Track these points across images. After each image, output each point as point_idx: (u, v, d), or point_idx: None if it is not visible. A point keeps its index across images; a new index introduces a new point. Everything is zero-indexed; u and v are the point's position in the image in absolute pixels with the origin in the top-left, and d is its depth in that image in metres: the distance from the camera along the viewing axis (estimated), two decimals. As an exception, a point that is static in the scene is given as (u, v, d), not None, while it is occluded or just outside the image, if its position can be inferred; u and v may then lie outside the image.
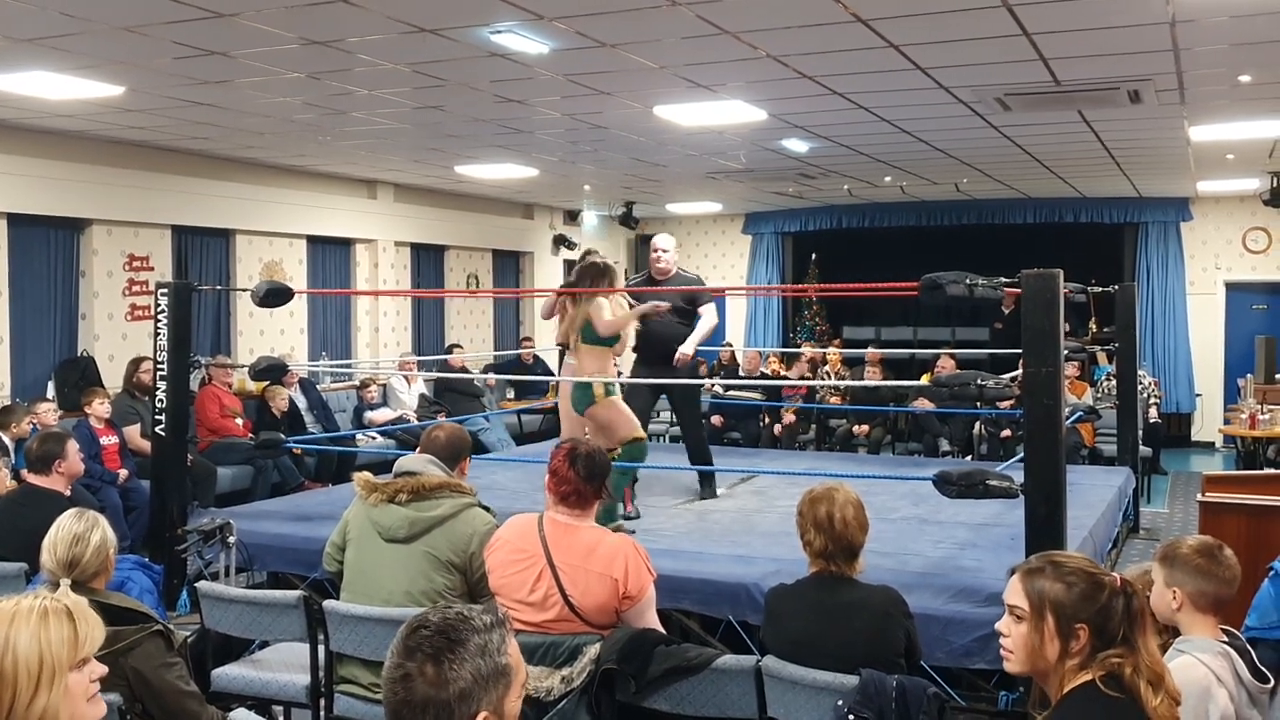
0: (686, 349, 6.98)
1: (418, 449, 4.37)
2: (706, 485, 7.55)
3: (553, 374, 11.35)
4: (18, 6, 5.45)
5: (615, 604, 3.65)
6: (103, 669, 2.01)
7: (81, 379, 9.19)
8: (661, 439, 12.08)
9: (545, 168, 11.55)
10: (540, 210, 15.66)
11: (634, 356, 7.34)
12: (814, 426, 12.26)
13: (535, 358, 13.44)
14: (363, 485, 4.15)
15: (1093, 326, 13.34)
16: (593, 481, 3.74)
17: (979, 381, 5.16)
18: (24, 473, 5.45)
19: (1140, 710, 2.19)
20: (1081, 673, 2.26)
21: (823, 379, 12.55)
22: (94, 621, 1.99)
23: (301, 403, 10.49)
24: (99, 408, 8.20)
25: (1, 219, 8.96)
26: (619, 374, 7.15)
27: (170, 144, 9.80)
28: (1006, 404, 7.89)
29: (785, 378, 12.87)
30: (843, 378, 12.41)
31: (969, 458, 10.90)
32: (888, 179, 12.56)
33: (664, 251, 7.17)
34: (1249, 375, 12.88)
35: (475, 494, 4.17)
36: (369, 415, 11.29)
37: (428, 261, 14.01)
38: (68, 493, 5.12)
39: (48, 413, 8.11)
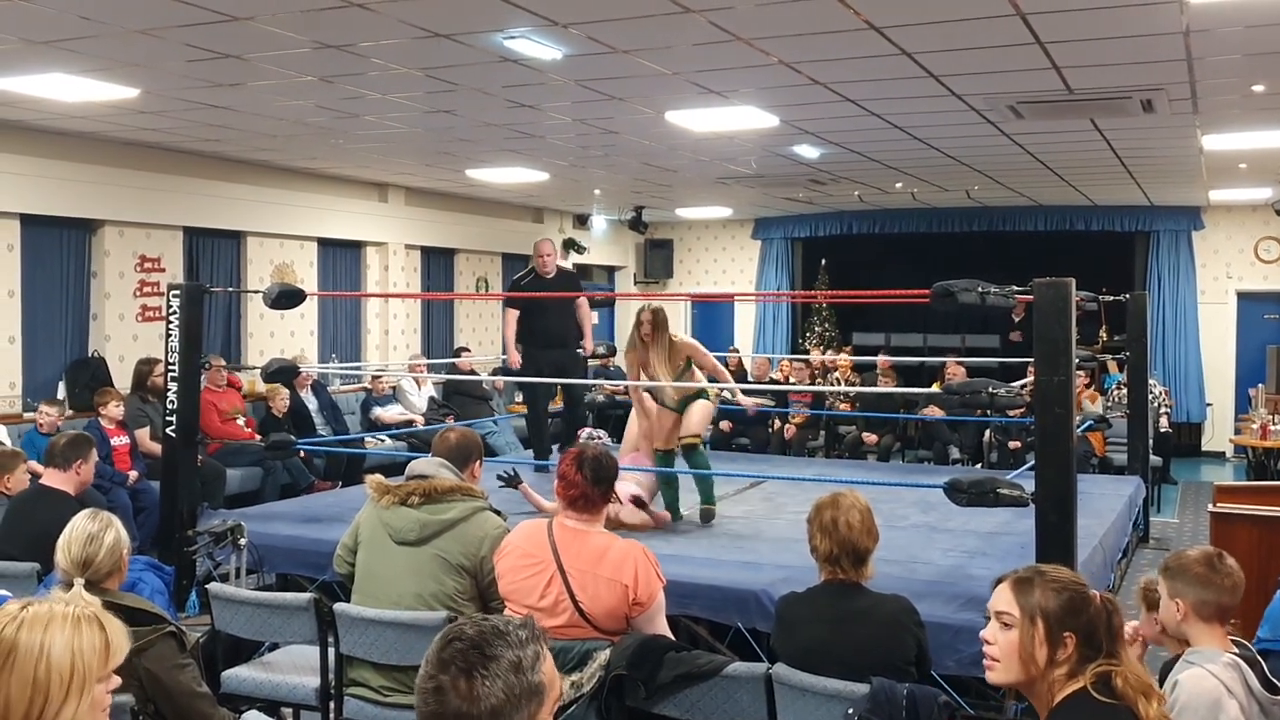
0: (588, 346, 9.05)
1: (430, 452, 4.37)
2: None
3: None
4: (35, 9, 5.47)
5: (625, 610, 3.65)
6: (118, 681, 1.98)
7: (92, 380, 9.21)
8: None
9: (556, 172, 11.57)
10: (550, 214, 15.68)
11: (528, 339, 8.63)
12: (823, 433, 12.24)
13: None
14: (375, 488, 4.16)
15: (1103, 335, 13.31)
16: (600, 485, 3.74)
17: (990, 389, 5.15)
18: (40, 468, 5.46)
19: (1133, 715, 2.24)
20: (1071, 681, 2.31)
21: (832, 385, 12.53)
22: (123, 633, 1.97)
23: (312, 404, 10.50)
24: (114, 409, 8.22)
25: (15, 219, 8.99)
26: None
27: (183, 146, 9.84)
28: (1017, 412, 7.87)
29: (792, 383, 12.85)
30: (853, 384, 12.39)
31: (979, 465, 10.88)
32: (899, 185, 12.56)
33: (548, 256, 8.65)
34: (1260, 385, 12.83)
35: (487, 498, 4.17)
36: (376, 411, 11.22)
37: (438, 264, 14.04)
38: (75, 495, 5.13)
39: (55, 415, 8.08)
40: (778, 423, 12.16)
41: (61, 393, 9.22)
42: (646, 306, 6.80)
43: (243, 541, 5.80)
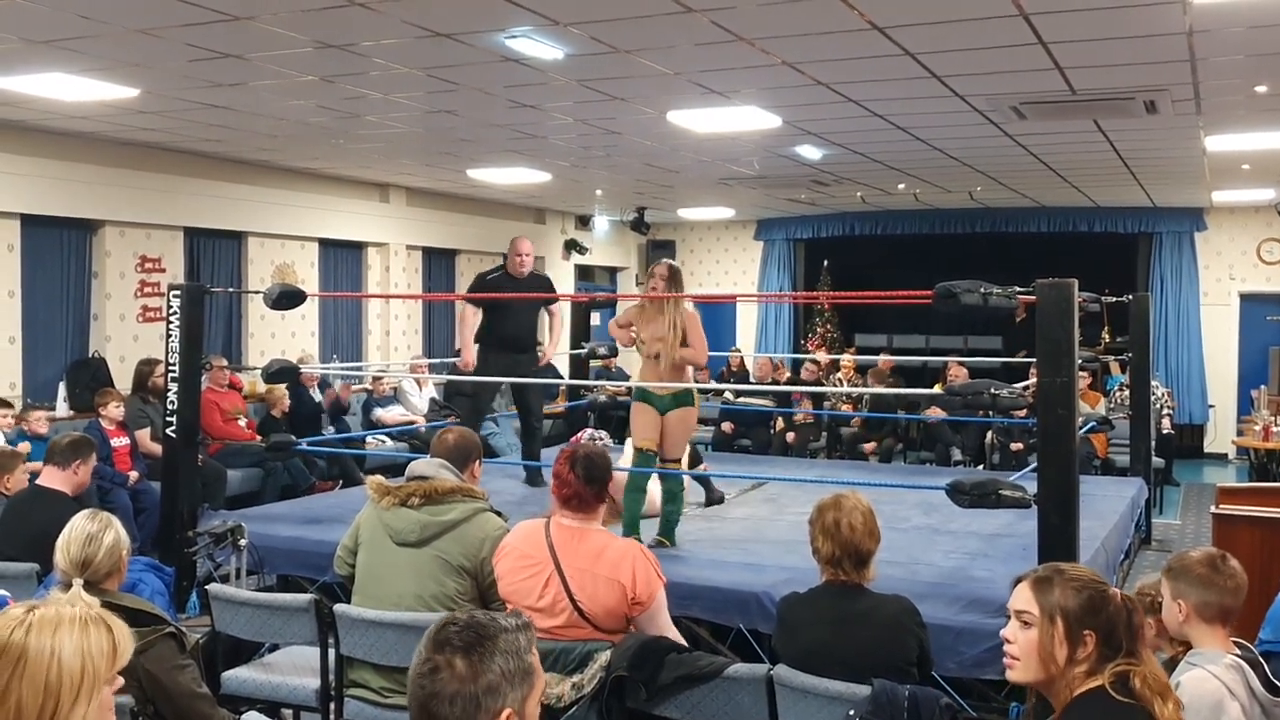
0: (549, 353, 8.34)
1: (429, 453, 4.36)
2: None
3: (561, 378, 11.34)
4: (35, 9, 5.46)
5: (625, 609, 3.64)
6: (121, 682, 1.97)
7: (93, 380, 9.21)
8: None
9: (557, 172, 11.56)
10: (552, 215, 15.67)
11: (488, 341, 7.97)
12: (825, 434, 12.23)
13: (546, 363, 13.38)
14: (375, 489, 4.14)
15: (1106, 336, 13.29)
16: (593, 484, 3.74)
17: (992, 390, 5.14)
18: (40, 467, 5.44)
19: (1149, 715, 2.23)
20: (1090, 679, 2.31)
21: (835, 386, 12.52)
22: (128, 635, 1.96)
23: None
24: (114, 410, 8.21)
25: (15, 220, 8.99)
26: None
27: (183, 146, 9.83)
28: (1019, 413, 7.85)
29: (801, 383, 12.83)
30: (855, 385, 12.37)
31: (981, 467, 10.87)
32: (901, 186, 12.54)
33: (526, 256, 7.88)
34: (1263, 387, 12.83)
35: (487, 499, 4.16)
36: (378, 412, 11.20)
37: (439, 265, 14.03)
38: (72, 495, 5.12)
39: (39, 420, 8.07)
40: (779, 423, 12.15)
41: (63, 393, 9.21)
42: (662, 260, 6.43)
43: (243, 542, 5.79)
